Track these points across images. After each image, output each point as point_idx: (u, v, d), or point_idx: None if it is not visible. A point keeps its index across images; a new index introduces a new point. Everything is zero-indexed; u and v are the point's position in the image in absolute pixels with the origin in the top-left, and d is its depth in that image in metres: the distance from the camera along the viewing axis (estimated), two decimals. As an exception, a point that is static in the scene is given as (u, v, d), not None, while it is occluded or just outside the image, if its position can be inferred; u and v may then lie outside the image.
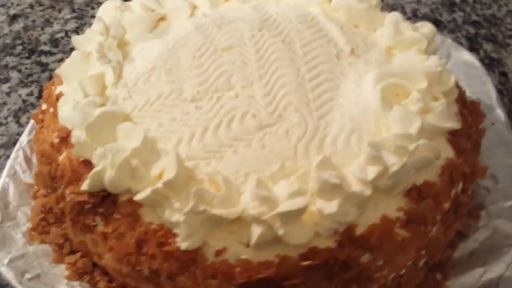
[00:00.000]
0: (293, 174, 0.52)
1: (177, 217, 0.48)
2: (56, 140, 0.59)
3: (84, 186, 0.52)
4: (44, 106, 0.65)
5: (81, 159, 0.55)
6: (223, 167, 0.53)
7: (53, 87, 0.66)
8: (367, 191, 0.49)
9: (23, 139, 0.70)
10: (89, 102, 0.58)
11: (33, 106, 0.85)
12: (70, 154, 0.57)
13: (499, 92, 0.83)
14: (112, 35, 0.66)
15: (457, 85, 0.63)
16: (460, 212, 0.57)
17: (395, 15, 0.70)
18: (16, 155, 0.68)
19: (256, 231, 0.47)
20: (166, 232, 0.49)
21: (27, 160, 0.68)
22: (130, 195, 0.52)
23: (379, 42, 0.69)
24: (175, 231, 0.49)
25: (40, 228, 0.62)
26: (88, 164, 0.55)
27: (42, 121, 0.63)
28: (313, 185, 0.49)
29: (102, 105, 0.60)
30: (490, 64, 0.95)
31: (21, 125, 0.81)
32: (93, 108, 0.57)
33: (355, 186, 0.49)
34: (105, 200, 0.52)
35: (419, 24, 0.70)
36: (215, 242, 0.49)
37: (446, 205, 0.55)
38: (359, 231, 0.50)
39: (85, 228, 0.54)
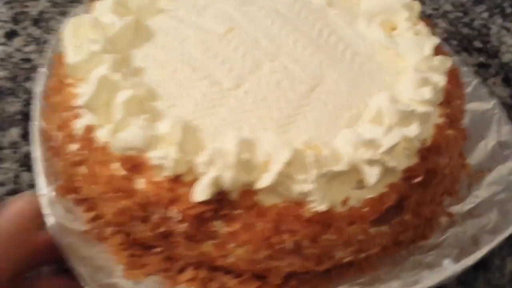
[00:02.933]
0: (361, 118, 0.60)
1: (307, 186, 0.53)
2: (123, 172, 0.56)
3: (202, 196, 0.52)
4: (75, 146, 0.60)
5: (170, 178, 0.55)
6: (306, 133, 0.58)
7: (71, 123, 0.61)
8: (430, 108, 0.60)
9: (44, 191, 0.63)
10: (148, 121, 0.56)
11: None
12: (151, 178, 0.55)
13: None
14: (115, 51, 0.63)
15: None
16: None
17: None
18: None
19: (374, 172, 0.55)
20: (297, 205, 0.54)
21: (68, 209, 0.62)
22: (240, 188, 0.54)
23: (337, -11, 0.78)
24: (308, 199, 0.53)
25: (135, 265, 0.59)
26: (176, 180, 0.55)
27: (85, 161, 0.59)
28: (391, 118, 0.58)
29: (153, 120, 0.58)
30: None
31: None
32: (154, 126, 0.56)
33: (420, 108, 0.59)
34: (223, 202, 0.54)
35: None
36: (338, 195, 0.55)
37: (459, 102, 0.68)
38: (428, 142, 0.60)
39: (205, 237, 0.55)
